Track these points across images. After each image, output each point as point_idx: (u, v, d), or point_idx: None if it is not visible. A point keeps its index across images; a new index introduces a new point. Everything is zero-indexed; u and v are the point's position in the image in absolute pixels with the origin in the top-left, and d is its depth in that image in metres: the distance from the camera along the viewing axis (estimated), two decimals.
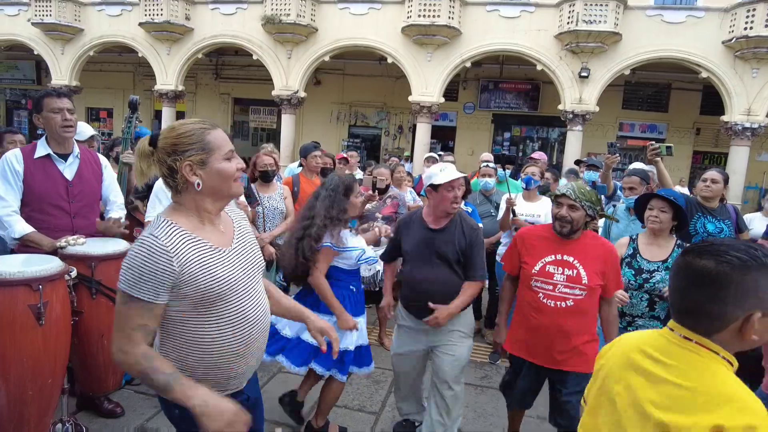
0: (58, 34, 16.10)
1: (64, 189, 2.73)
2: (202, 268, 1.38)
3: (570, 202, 2.43)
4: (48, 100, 2.63)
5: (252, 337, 1.50)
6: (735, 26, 11.81)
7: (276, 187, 4.16)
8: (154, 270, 1.31)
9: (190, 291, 1.36)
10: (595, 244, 2.53)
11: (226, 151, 1.46)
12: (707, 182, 3.61)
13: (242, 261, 1.51)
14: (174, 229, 1.38)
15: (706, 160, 16.24)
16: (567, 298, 2.44)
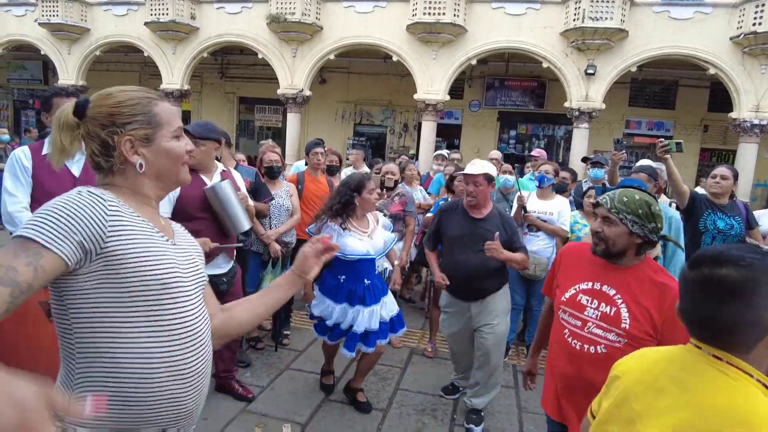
0: (65, 34, 16.19)
1: (72, 185, 2.70)
2: (141, 248, 1.08)
3: (604, 213, 1.82)
4: (57, 99, 2.65)
5: (201, 362, 1.18)
6: (743, 22, 11.70)
7: (282, 184, 4.16)
8: (72, 214, 1.00)
9: (128, 270, 1.05)
10: (654, 280, 1.81)
11: (175, 128, 1.19)
12: (716, 178, 3.59)
13: (186, 261, 1.21)
14: (115, 198, 1.11)
15: (713, 158, 16.12)
16: (598, 342, 1.83)
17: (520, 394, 3.68)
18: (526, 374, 2.52)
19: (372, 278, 3.12)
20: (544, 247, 4.21)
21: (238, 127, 19.43)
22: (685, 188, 3.62)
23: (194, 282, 1.22)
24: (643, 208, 1.76)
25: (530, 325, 4.35)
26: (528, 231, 4.23)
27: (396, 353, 4.20)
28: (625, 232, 1.78)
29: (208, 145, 2.96)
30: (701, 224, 3.59)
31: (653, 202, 1.77)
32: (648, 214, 1.76)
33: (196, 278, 1.23)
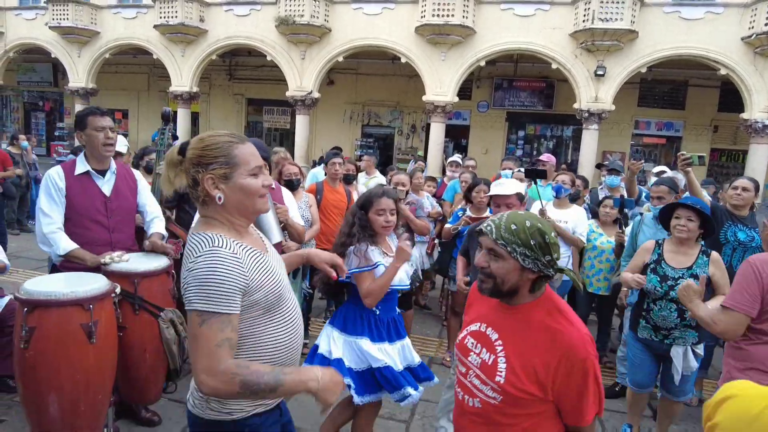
0: (75, 37, 16.31)
1: (103, 204, 2.79)
2: (263, 270, 1.40)
3: (489, 244, 1.46)
4: (92, 118, 2.69)
5: (298, 340, 1.54)
6: (755, 22, 11.63)
7: (301, 195, 4.20)
8: (230, 279, 1.29)
9: (259, 295, 1.37)
10: (545, 325, 1.45)
11: (252, 167, 1.40)
12: (738, 190, 3.58)
13: (280, 264, 1.56)
14: (226, 239, 1.35)
15: (723, 157, 16.05)
16: (475, 395, 1.53)
17: None
18: None
19: (396, 309, 2.68)
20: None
21: (246, 128, 19.50)
22: (707, 200, 3.63)
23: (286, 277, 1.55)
24: (536, 237, 1.41)
25: None
26: None
27: None
28: (515, 267, 1.43)
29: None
30: (722, 236, 3.59)
31: (547, 230, 1.44)
32: (542, 244, 1.41)
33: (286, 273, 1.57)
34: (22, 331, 1.99)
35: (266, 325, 1.42)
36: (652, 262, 2.93)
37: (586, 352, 1.38)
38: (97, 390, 2.08)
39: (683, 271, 2.83)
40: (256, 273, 1.37)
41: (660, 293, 2.83)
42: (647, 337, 2.92)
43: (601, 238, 4.32)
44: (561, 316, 1.45)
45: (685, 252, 2.88)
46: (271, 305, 1.42)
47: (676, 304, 2.80)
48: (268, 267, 1.42)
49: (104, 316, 2.11)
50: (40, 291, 2.04)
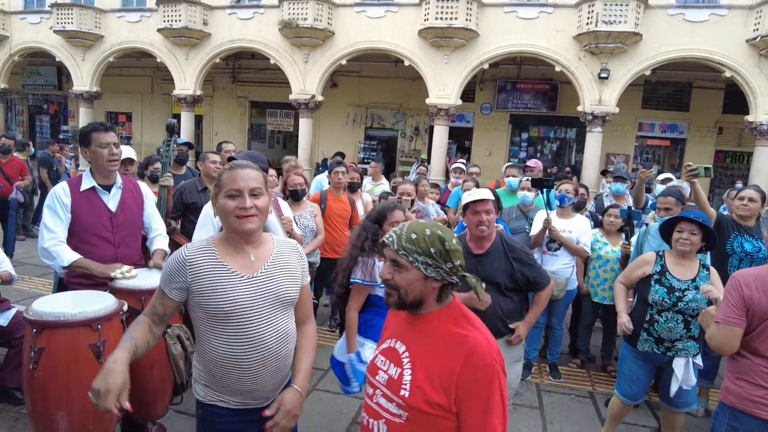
0: (79, 41, 16.38)
1: (108, 220, 2.80)
2: (212, 285, 1.60)
3: (392, 255, 1.43)
4: (96, 134, 2.69)
5: (261, 360, 1.65)
6: (760, 24, 11.57)
7: (306, 205, 4.22)
8: (172, 271, 1.62)
9: (200, 301, 1.60)
10: (451, 332, 1.41)
11: (227, 189, 1.62)
12: (744, 201, 3.57)
13: (261, 290, 1.66)
14: (205, 247, 1.65)
15: (728, 159, 15.99)
16: (381, 416, 1.44)
17: (545, 415, 3.71)
18: None
19: None
20: (563, 267, 4.20)
21: (250, 131, 19.54)
22: (711, 211, 3.61)
23: (268, 304, 1.66)
24: (436, 245, 1.40)
25: (552, 343, 4.37)
26: (547, 250, 4.23)
27: None
28: (418, 277, 1.41)
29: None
30: (728, 246, 3.58)
31: (448, 237, 1.43)
32: (442, 252, 1.40)
33: (271, 300, 1.68)
34: (31, 351, 2.00)
35: (213, 332, 1.63)
36: (656, 274, 2.92)
37: (491, 357, 1.34)
38: None
39: (688, 282, 2.83)
40: (200, 281, 1.60)
41: (668, 304, 2.82)
42: (648, 349, 2.91)
43: (605, 247, 4.32)
44: (467, 322, 1.44)
45: (687, 265, 2.90)
46: (216, 316, 1.61)
47: (682, 315, 2.81)
48: (221, 285, 1.60)
49: (112, 335, 2.12)
50: (49, 312, 2.05)
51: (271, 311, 1.68)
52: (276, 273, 1.71)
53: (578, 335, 4.63)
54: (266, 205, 1.67)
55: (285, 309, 1.73)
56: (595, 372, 4.45)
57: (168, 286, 1.62)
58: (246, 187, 1.62)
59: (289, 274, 1.74)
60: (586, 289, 4.39)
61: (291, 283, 1.74)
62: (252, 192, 1.63)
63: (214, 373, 1.65)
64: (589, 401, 3.92)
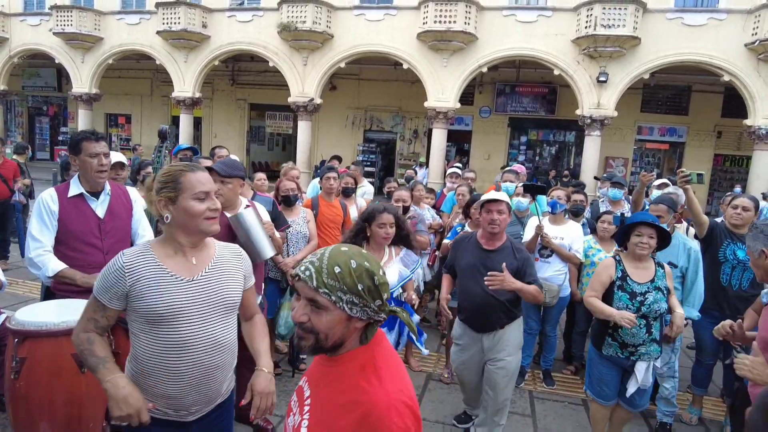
0: (79, 43, 16.41)
1: (96, 227, 2.78)
2: (151, 289, 1.59)
3: (309, 293, 1.15)
4: (86, 144, 2.67)
5: (188, 365, 1.64)
6: (759, 28, 11.57)
7: (299, 210, 4.19)
8: (109, 280, 1.59)
9: (138, 306, 1.59)
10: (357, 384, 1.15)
11: (196, 192, 1.64)
12: (738, 209, 3.56)
13: (200, 294, 1.66)
14: (142, 251, 1.64)
15: (727, 162, 15.98)
16: None
17: (537, 423, 3.68)
18: None
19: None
20: (555, 274, 4.18)
21: (249, 133, 19.55)
22: (704, 218, 3.60)
23: (204, 308, 1.66)
24: (364, 280, 1.14)
25: (545, 350, 4.35)
26: (539, 257, 4.21)
27: (413, 378, 4.20)
28: (341, 318, 1.15)
29: (233, 183, 2.98)
30: (720, 254, 3.57)
31: (375, 268, 1.17)
32: (371, 288, 1.15)
33: (208, 305, 1.67)
34: (13, 361, 1.98)
35: (146, 335, 1.63)
36: (618, 280, 2.94)
37: (389, 420, 1.07)
38: (89, 419, 2.07)
39: (647, 284, 2.89)
40: (140, 286, 1.59)
41: (632, 310, 2.83)
42: (613, 354, 2.94)
43: (599, 253, 4.29)
44: (374, 373, 1.16)
45: (644, 267, 2.96)
46: (152, 320, 1.61)
47: (645, 320, 2.85)
48: (159, 288, 1.60)
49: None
50: (32, 321, 2.03)
51: (209, 316, 1.68)
52: (216, 277, 1.71)
53: (572, 342, 4.61)
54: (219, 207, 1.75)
55: (224, 315, 1.72)
56: None
57: (106, 295, 1.60)
58: (212, 189, 1.69)
59: (230, 279, 1.75)
60: (580, 296, 4.37)
61: (232, 288, 1.75)
62: (215, 194, 1.71)
63: (141, 374, 1.65)
64: (582, 408, 3.89)
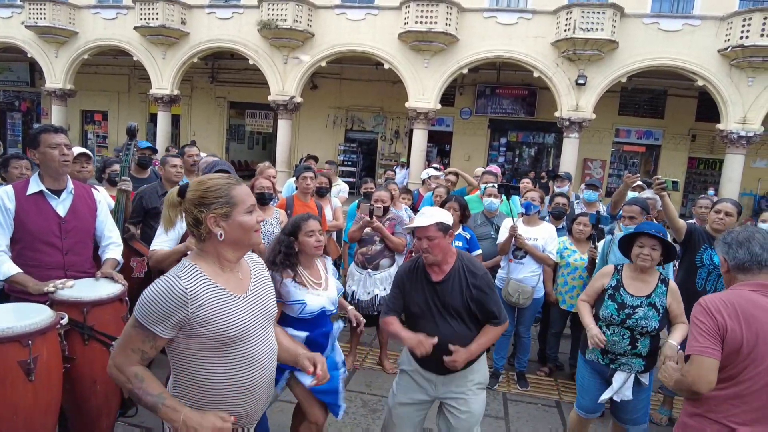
0: (52, 37, 15.97)
1: (57, 225, 2.68)
2: (217, 312, 1.50)
3: None
4: (45, 135, 2.58)
5: (258, 380, 1.61)
6: (731, 35, 11.84)
7: (272, 211, 4.11)
8: (169, 308, 1.44)
9: (203, 332, 1.48)
10: None
11: (248, 206, 1.58)
12: (721, 214, 3.51)
13: (256, 307, 1.62)
14: (196, 273, 1.52)
15: (701, 165, 16.33)
16: None
17: (510, 425, 3.67)
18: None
19: (329, 328, 2.73)
20: (529, 275, 4.18)
21: (228, 131, 19.30)
22: (681, 223, 3.58)
23: (261, 321, 1.63)
24: None
25: (519, 351, 4.35)
26: (513, 258, 4.22)
27: (386, 381, 4.17)
28: None
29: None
30: (697, 259, 3.56)
31: None
32: None
33: (263, 317, 1.65)
34: None
35: (210, 361, 1.52)
36: (610, 288, 2.87)
37: None
38: (38, 428, 1.98)
39: (641, 299, 2.78)
40: (205, 311, 1.48)
41: (617, 321, 2.78)
42: (594, 359, 2.89)
43: (574, 255, 4.31)
44: None
45: (645, 279, 2.84)
46: (218, 344, 1.51)
47: (630, 332, 2.77)
48: (225, 309, 1.52)
49: (46, 351, 2.01)
50: None
51: (264, 328, 1.65)
52: (261, 288, 1.70)
53: (547, 343, 4.62)
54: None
55: (271, 324, 1.73)
56: (563, 380, 4.44)
57: (161, 325, 1.45)
58: (254, 202, 1.64)
59: (270, 288, 1.75)
60: (555, 297, 4.38)
61: (273, 297, 1.75)
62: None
63: (210, 402, 1.54)
64: (556, 411, 3.90)
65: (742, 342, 1.77)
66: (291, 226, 2.68)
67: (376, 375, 4.26)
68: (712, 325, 1.80)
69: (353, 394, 3.91)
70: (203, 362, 1.52)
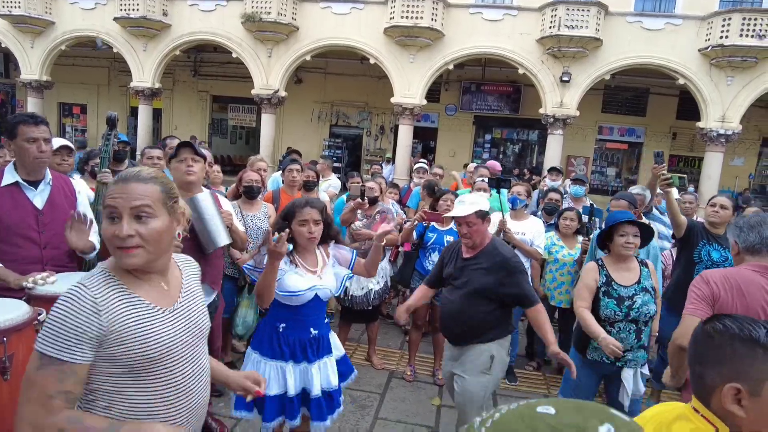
0: (28, 26, 15.51)
1: (34, 218, 2.57)
2: (135, 328, 1.25)
3: None
4: (24, 127, 2.44)
5: (189, 408, 1.37)
6: (711, 35, 12.04)
7: (260, 205, 4.03)
8: (80, 323, 1.17)
9: (120, 352, 1.23)
10: None
11: (105, 208, 1.25)
12: (716, 207, 3.55)
13: (184, 323, 1.38)
14: (107, 280, 1.25)
15: (681, 163, 16.61)
16: None
17: None
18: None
19: (320, 328, 2.51)
20: None
21: (211, 126, 19.02)
22: (683, 219, 3.59)
23: (191, 339, 1.39)
24: None
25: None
26: None
27: (375, 377, 4.13)
28: None
29: (202, 163, 2.81)
30: (695, 255, 3.56)
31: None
32: None
33: (194, 334, 1.41)
34: None
35: (129, 388, 1.26)
36: (603, 285, 2.82)
37: None
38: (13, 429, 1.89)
39: (634, 287, 2.78)
40: (121, 326, 1.23)
41: (621, 316, 2.72)
42: (598, 358, 2.81)
43: (562, 250, 4.31)
44: None
45: (629, 267, 2.85)
46: (137, 367, 1.26)
47: (635, 325, 2.74)
48: (145, 325, 1.27)
49: (22, 348, 1.91)
50: None
51: (195, 347, 1.41)
52: (193, 301, 1.45)
53: (535, 338, 4.62)
54: (157, 232, 1.27)
55: (203, 342, 1.48)
56: (551, 375, 4.45)
57: (76, 348, 1.17)
58: (126, 206, 1.23)
59: (201, 300, 1.50)
60: (543, 292, 4.38)
61: (205, 311, 1.50)
62: (136, 212, 1.24)
63: None
64: None
65: (731, 311, 1.93)
66: (286, 211, 2.50)
67: (365, 371, 4.21)
68: (707, 292, 2.01)
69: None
70: (119, 390, 1.25)
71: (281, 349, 2.40)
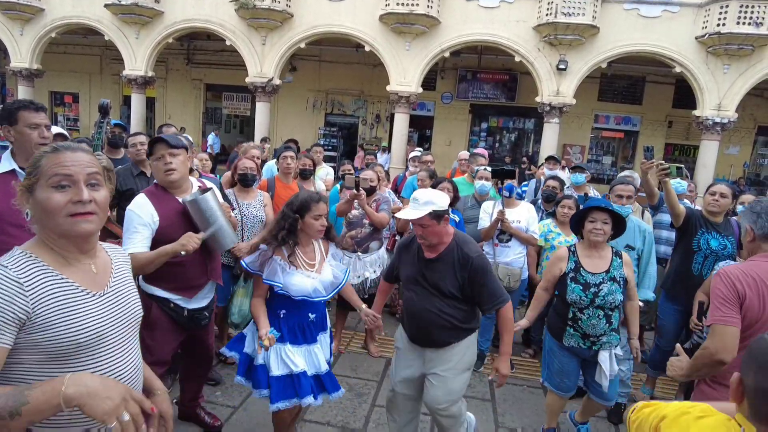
0: (17, 13, 15.24)
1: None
2: (64, 310, 1.19)
3: None
4: (25, 113, 2.38)
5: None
6: (708, 22, 11.98)
7: (255, 193, 3.99)
8: (1, 304, 1.11)
9: (45, 338, 1.15)
10: None
11: (52, 177, 1.20)
12: (715, 196, 3.54)
13: (116, 309, 1.32)
14: (29, 261, 1.19)
15: (676, 152, 16.63)
16: None
17: (497, 407, 3.68)
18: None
19: (317, 311, 2.66)
20: (516, 257, 4.19)
21: (205, 114, 18.86)
22: (681, 209, 3.58)
23: (123, 326, 1.34)
24: None
25: None
26: (498, 242, 4.21)
27: (372, 365, 4.14)
28: None
29: (183, 154, 2.69)
30: (694, 243, 3.56)
31: None
32: None
33: (126, 321, 1.35)
34: None
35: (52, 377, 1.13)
36: (571, 271, 2.88)
37: None
38: None
39: (602, 275, 2.83)
40: (46, 308, 1.17)
41: (586, 302, 2.80)
42: (575, 344, 2.90)
43: (559, 237, 4.31)
44: None
45: (601, 255, 2.88)
46: (62, 355, 1.18)
47: (602, 311, 2.82)
48: (72, 308, 1.21)
49: None
50: None
51: (125, 337, 1.35)
52: (124, 286, 1.39)
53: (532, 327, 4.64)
54: (106, 201, 1.28)
55: (135, 332, 1.41)
56: None
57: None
58: (81, 173, 1.22)
59: (133, 287, 1.44)
60: (539, 279, 4.39)
61: (137, 296, 1.44)
62: (89, 180, 1.23)
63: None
64: (541, 392, 3.92)
65: (758, 310, 1.84)
66: (299, 205, 2.55)
67: (362, 359, 4.22)
68: (733, 295, 1.86)
69: (339, 378, 3.86)
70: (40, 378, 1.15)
71: (281, 331, 2.55)
